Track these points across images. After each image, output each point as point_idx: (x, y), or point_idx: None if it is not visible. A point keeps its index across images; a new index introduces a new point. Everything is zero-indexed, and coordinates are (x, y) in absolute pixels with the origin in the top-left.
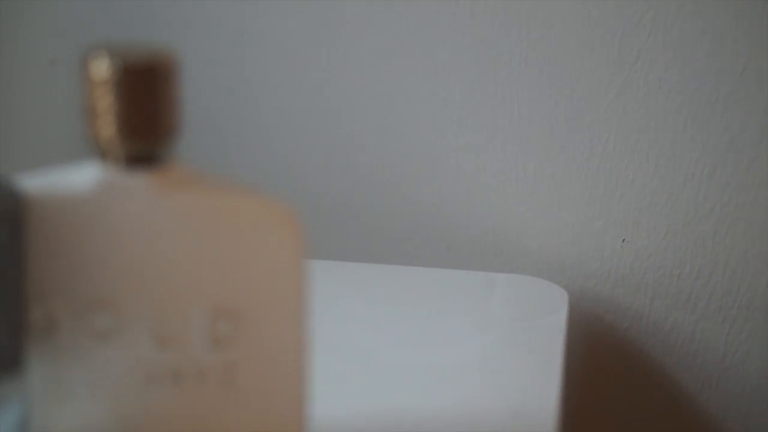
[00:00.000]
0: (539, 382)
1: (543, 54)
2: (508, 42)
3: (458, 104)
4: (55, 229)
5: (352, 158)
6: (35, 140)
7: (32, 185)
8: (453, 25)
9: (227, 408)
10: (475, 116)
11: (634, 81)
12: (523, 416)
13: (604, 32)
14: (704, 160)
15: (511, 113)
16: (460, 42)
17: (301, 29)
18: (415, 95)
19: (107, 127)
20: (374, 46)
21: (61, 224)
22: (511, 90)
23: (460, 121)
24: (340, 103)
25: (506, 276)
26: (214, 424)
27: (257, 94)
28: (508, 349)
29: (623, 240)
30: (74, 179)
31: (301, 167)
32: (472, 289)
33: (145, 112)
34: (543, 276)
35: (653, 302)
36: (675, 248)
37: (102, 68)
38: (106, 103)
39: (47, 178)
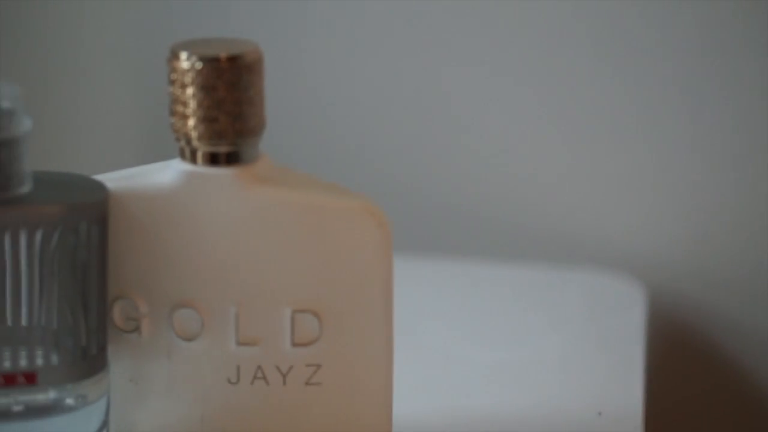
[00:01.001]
0: (621, 381)
1: (614, 49)
2: (576, 37)
3: (526, 97)
4: (138, 227)
5: (421, 154)
6: (103, 138)
7: (116, 183)
8: (523, 26)
9: (310, 408)
10: (545, 109)
11: (714, 74)
12: (607, 416)
13: (678, 25)
14: None
15: (581, 106)
16: (531, 40)
17: (379, 25)
18: (482, 91)
19: (191, 122)
20: (445, 43)
21: (144, 222)
22: (581, 83)
23: (530, 114)
24: (413, 98)
25: (580, 270)
26: (297, 424)
27: (339, 90)
28: (586, 347)
29: (703, 235)
30: (158, 176)
31: (378, 163)
32: (545, 284)
33: (230, 107)
34: (619, 270)
35: (733, 299)
36: (758, 243)
37: (187, 63)
38: (190, 98)
39: (130, 175)
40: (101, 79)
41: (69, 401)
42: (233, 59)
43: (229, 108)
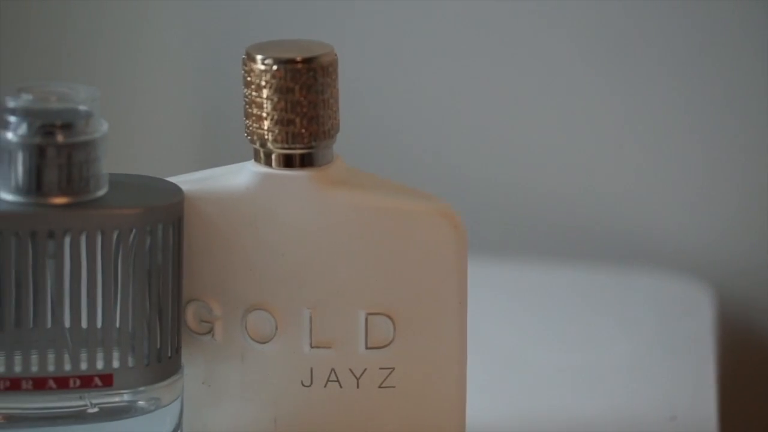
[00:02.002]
0: (693, 385)
1: (686, 44)
2: (644, 35)
3: (596, 96)
4: (212, 229)
5: (491, 156)
6: (159, 141)
7: (190, 185)
8: (585, 24)
9: (383, 411)
10: (616, 109)
11: None
12: (681, 420)
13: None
14: None
15: (653, 103)
16: (608, 40)
17: (450, 27)
18: (544, 89)
19: (267, 124)
20: (519, 42)
21: (218, 224)
22: (653, 81)
23: (599, 114)
24: (483, 99)
25: (647, 273)
26: (370, 427)
27: (410, 91)
28: (655, 350)
29: None
30: (232, 178)
31: (451, 164)
32: (612, 287)
33: (306, 110)
34: (687, 273)
35: None
36: None
37: (263, 66)
38: (266, 100)
39: (204, 177)
40: (159, 82)
41: (142, 403)
42: (309, 61)
43: (305, 110)
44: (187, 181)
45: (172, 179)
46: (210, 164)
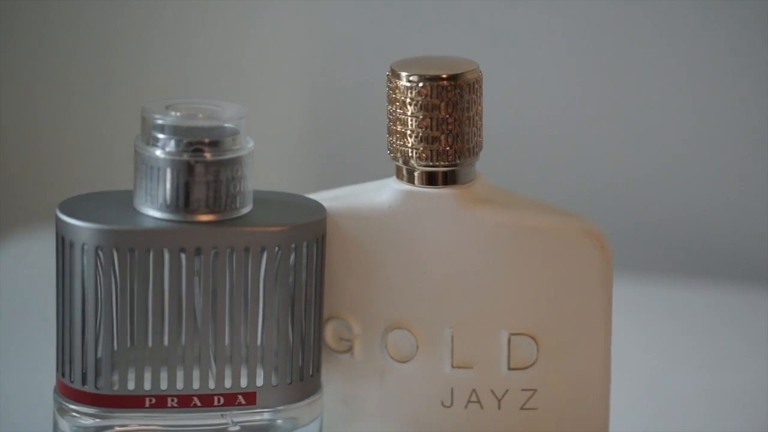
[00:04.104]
0: None
1: None
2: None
3: (732, 114)
4: (353, 247)
5: (627, 173)
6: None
7: (331, 202)
8: (686, 32)
9: None
10: (752, 127)
11: None
12: None
13: None
14: None
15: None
16: (704, 48)
17: (593, 43)
18: (686, 107)
19: (411, 141)
20: (653, 63)
21: (359, 242)
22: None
23: (736, 133)
24: (627, 117)
25: None
26: None
27: (553, 109)
28: None
29: None
30: (374, 196)
31: (595, 182)
32: (742, 307)
33: (451, 127)
34: None
35: None
36: None
37: (408, 83)
38: (411, 117)
39: (345, 194)
40: (275, 98)
41: (280, 422)
42: (455, 78)
43: (450, 128)
44: (328, 198)
45: (312, 196)
46: (326, 182)
